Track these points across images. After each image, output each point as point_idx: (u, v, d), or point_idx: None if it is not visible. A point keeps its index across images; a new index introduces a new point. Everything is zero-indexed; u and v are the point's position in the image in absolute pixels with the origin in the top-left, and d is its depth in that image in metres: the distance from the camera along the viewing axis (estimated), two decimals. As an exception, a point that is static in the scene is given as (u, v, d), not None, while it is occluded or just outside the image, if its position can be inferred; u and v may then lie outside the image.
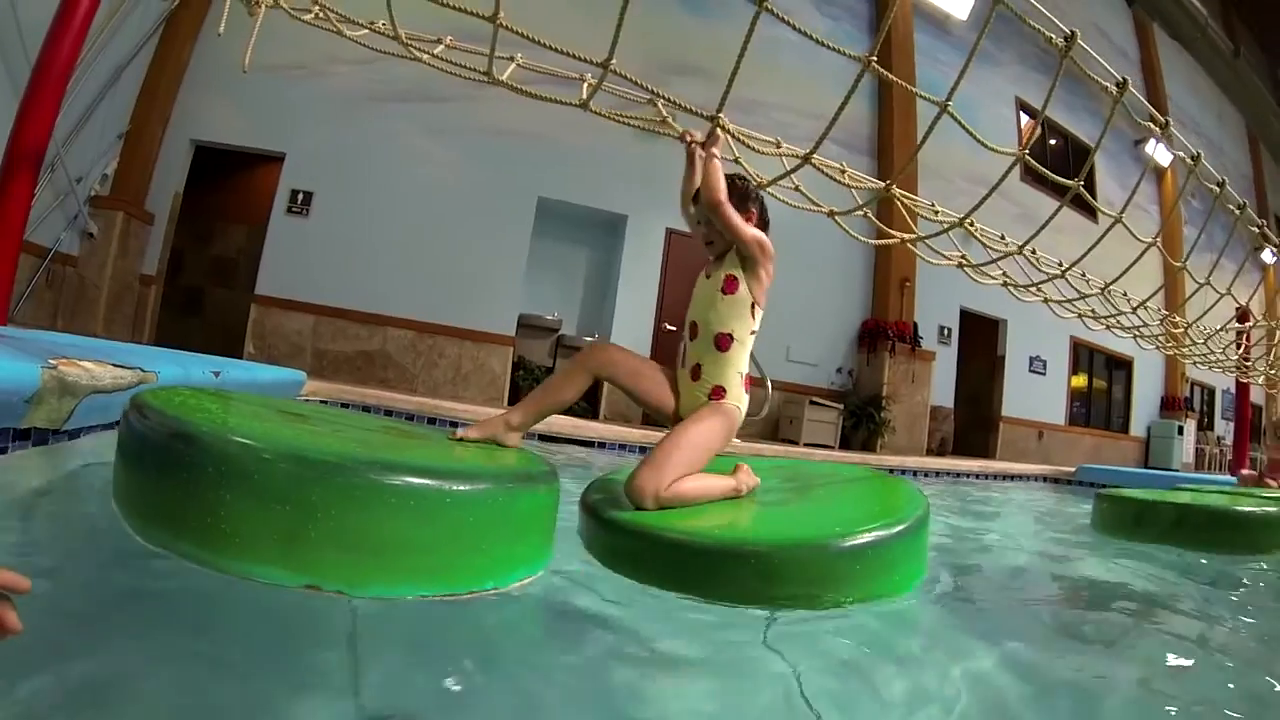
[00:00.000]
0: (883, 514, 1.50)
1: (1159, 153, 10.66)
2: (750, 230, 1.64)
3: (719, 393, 1.60)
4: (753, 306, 1.65)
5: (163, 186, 6.48)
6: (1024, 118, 10.30)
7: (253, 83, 5.79)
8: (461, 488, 0.99)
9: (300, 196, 6.27)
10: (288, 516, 0.88)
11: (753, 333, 1.67)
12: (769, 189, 3.43)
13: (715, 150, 1.79)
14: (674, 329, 6.89)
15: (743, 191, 1.76)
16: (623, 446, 5.08)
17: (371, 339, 6.24)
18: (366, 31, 3.51)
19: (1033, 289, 4.66)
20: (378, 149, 6.37)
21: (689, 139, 1.98)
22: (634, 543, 1.34)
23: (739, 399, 1.62)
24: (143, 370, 1.83)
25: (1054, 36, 2.44)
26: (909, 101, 8.30)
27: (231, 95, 6.39)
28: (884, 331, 7.60)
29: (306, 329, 6.15)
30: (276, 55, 5.79)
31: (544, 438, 4.61)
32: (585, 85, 3.16)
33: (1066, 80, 2.34)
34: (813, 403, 6.86)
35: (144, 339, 6.34)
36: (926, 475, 6.34)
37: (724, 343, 1.62)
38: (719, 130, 2.06)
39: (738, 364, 1.63)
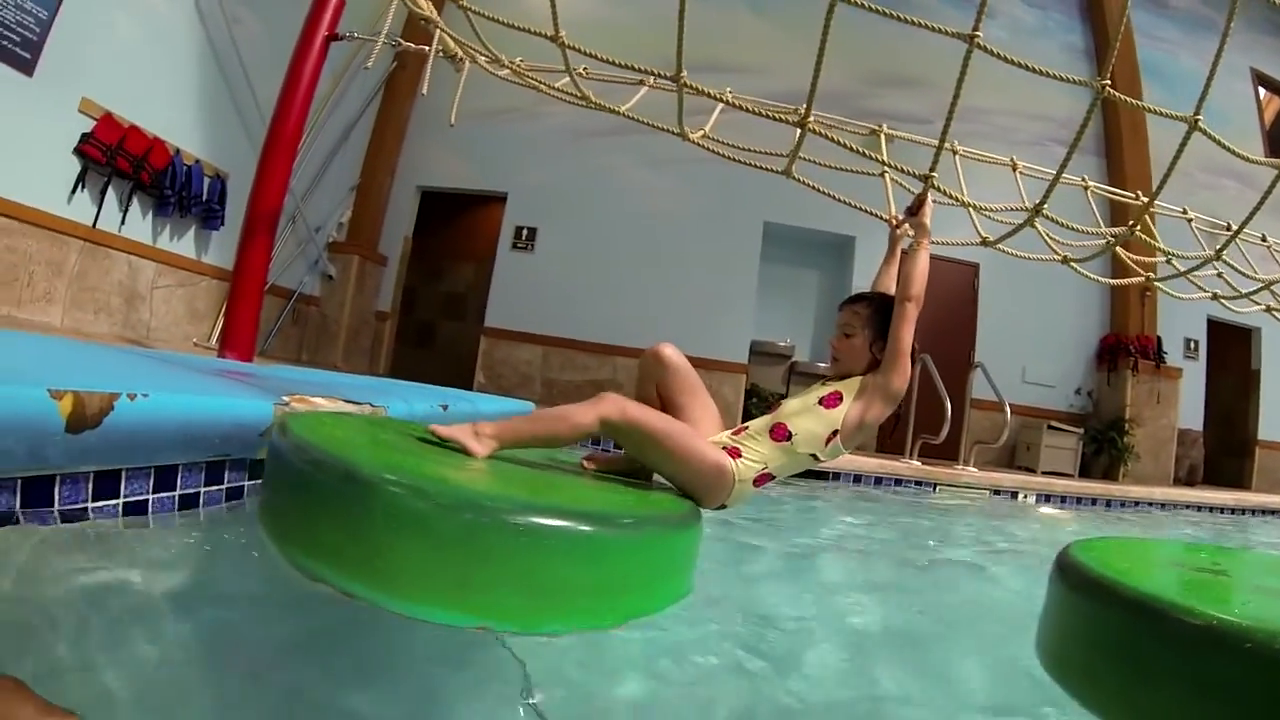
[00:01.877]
0: None
1: None
2: (908, 364, 1.41)
3: (734, 451, 1.39)
4: (833, 435, 1.39)
5: (394, 230, 7.08)
6: (1262, 92, 8.97)
7: (471, 129, 6.19)
8: (622, 531, 1.01)
9: (524, 232, 6.61)
10: (460, 561, 0.88)
11: (813, 456, 1.40)
12: (998, 246, 3.13)
13: (926, 224, 1.62)
14: (908, 352, 6.45)
15: None
16: (857, 479, 4.81)
17: (601, 368, 6.42)
18: (564, 86, 3.56)
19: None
20: (598, 182, 6.60)
21: (894, 223, 1.80)
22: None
23: (746, 476, 1.38)
24: (372, 405, 1.85)
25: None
26: (1134, 87, 7.45)
27: (452, 143, 6.86)
28: (1125, 347, 6.83)
29: (536, 359, 6.44)
30: (490, 101, 6.13)
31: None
32: (795, 131, 2.99)
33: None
34: (1050, 427, 6.27)
35: (380, 370, 6.91)
36: (1175, 508, 5.63)
37: (779, 432, 1.40)
38: (930, 198, 1.79)
39: (771, 458, 1.40)
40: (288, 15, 4.32)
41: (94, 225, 4.22)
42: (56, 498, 1.16)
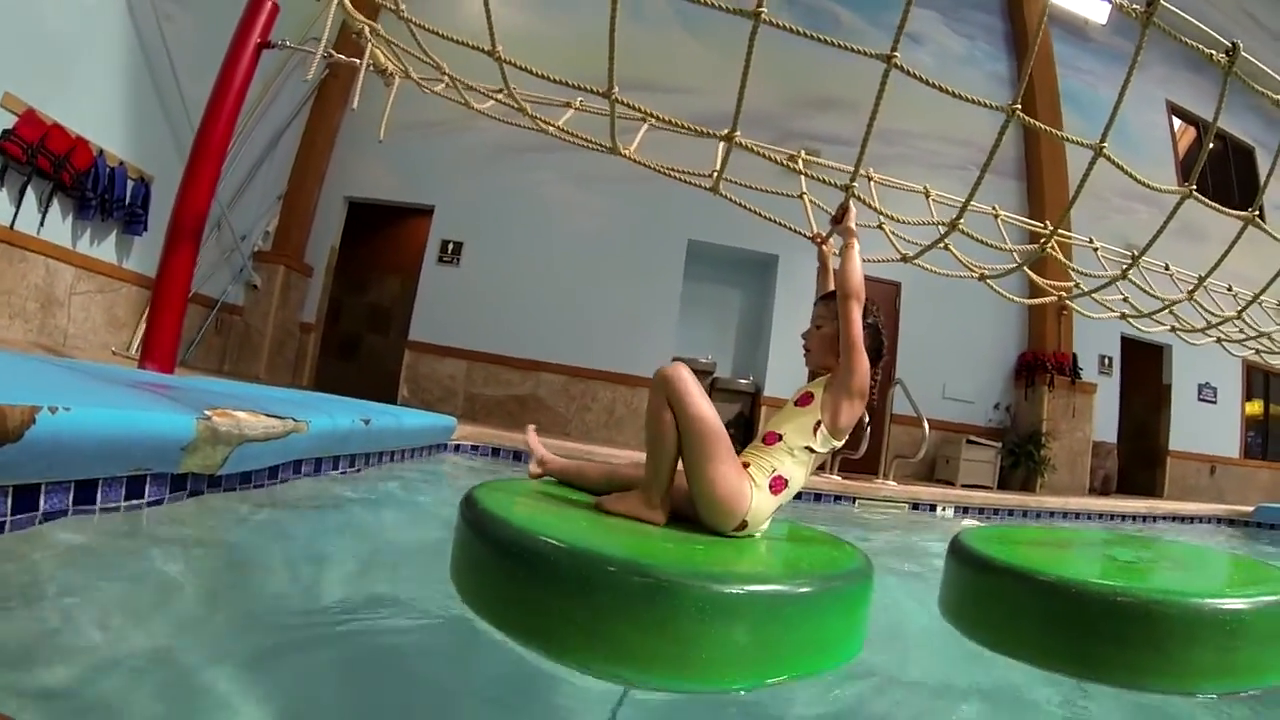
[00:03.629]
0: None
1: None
2: (863, 358, 1.49)
3: (742, 464, 1.44)
4: (817, 425, 1.47)
5: (320, 241, 6.91)
6: (1176, 122, 9.44)
7: (400, 141, 6.10)
8: (803, 591, 1.08)
9: (450, 246, 6.52)
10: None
11: (809, 449, 1.45)
12: (916, 261, 3.23)
13: (852, 228, 1.71)
14: (828, 369, 6.56)
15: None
16: (818, 497, 4.80)
17: (524, 384, 6.36)
18: (493, 104, 3.56)
19: (1206, 331, 4.15)
20: (524, 198, 6.56)
21: (818, 240, 1.94)
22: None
23: (761, 483, 1.40)
24: (294, 420, 1.87)
25: (1214, 53, 2.11)
26: (1055, 115, 7.76)
27: (381, 154, 6.75)
28: (1042, 364, 7.08)
29: (459, 374, 6.34)
30: (421, 113, 6.06)
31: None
32: (719, 152, 3.03)
33: (1217, 73, 2.05)
34: (970, 441, 6.44)
35: (303, 382, 6.73)
36: (1090, 518, 5.83)
37: (770, 438, 1.48)
38: (852, 205, 1.86)
39: (775, 461, 1.44)
40: (220, 14, 4.21)
41: (11, 226, 4.03)
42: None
